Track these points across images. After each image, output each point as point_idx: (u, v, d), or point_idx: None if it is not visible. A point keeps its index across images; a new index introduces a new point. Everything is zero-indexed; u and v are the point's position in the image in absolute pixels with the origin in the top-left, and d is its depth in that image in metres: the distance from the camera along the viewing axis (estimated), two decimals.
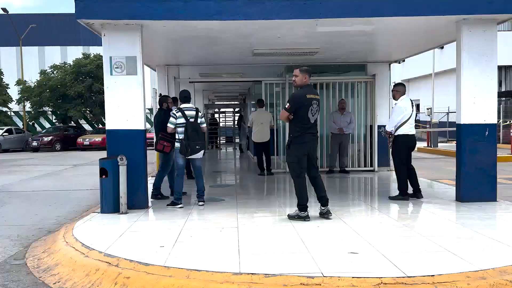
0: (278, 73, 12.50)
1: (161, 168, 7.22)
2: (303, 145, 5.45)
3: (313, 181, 5.62)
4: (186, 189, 7.58)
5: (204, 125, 6.71)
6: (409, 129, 6.72)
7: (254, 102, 14.21)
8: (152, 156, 10.63)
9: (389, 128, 6.87)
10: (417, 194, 6.88)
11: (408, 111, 6.71)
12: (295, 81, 5.56)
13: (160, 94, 7.90)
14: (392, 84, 7.93)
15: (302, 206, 5.52)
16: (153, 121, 8.52)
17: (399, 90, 6.87)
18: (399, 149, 6.82)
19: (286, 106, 5.50)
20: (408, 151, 6.82)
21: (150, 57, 9.50)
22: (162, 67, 10.80)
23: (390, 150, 7.03)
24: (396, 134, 6.78)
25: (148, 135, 9.74)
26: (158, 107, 7.56)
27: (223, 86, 17.56)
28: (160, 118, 7.08)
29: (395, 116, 6.80)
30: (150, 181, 9.32)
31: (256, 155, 10.61)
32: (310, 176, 5.60)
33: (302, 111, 5.40)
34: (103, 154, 6.56)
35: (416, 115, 6.98)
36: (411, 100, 6.86)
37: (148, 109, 25.87)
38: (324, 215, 5.61)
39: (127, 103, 6.33)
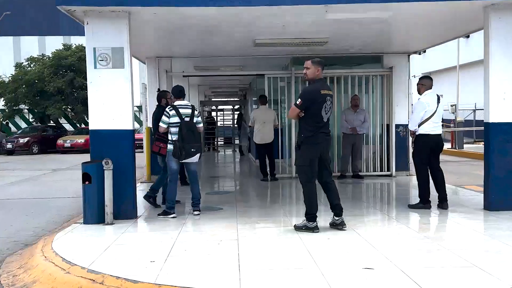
0: (283, 65, 12.51)
1: (163, 171, 7.21)
2: (316, 146, 5.45)
3: (326, 187, 5.63)
4: (179, 196, 7.58)
5: (201, 124, 6.71)
6: (432, 128, 6.68)
7: (255, 99, 14.21)
8: (141, 160, 10.66)
9: (412, 126, 6.86)
10: (442, 203, 6.82)
11: (432, 107, 6.68)
12: (306, 75, 5.58)
13: (159, 89, 7.89)
14: (414, 77, 7.93)
15: (311, 215, 5.52)
16: (142, 120, 8.51)
17: (425, 83, 6.83)
18: (419, 151, 6.81)
19: (297, 102, 5.51)
20: (431, 153, 6.78)
21: (139, 48, 9.53)
22: (153, 60, 10.83)
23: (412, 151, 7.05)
24: (417, 133, 6.78)
25: (136, 136, 9.77)
26: (157, 103, 7.59)
27: (221, 81, 17.61)
28: (159, 115, 7.02)
29: (416, 112, 6.80)
30: (139, 187, 9.36)
31: (258, 158, 10.63)
32: (322, 181, 5.61)
33: (315, 108, 5.41)
34: (86, 157, 6.58)
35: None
36: (438, 96, 6.79)
37: (137, 106, 25.97)
38: (338, 226, 5.61)
39: (113, 100, 6.34)
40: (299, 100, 5.51)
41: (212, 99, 26.64)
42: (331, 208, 5.66)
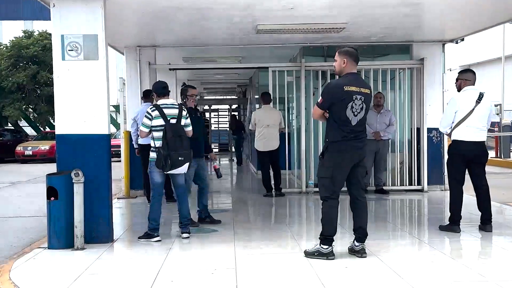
0: (291, 57, 12.54)
1: (200, 180, 7.57)
2: (342, 155, 5.45)
3: (354, 203, 5.64)
4: (165, 215, 7.57)
5: (190, 128, 6.72)
6: (465, 132, 6.62)
7: (257, 97, 14.22)
8: (119, 171, 10.66)
9: (442, 129, 6.87)
10: (485, 225, 6.80)
11: (466, 107, 6.62)
12: (335, 68, 5.64)
13: (184, 84, 7.79)
14: (450, 71, 7.91)
15: (327, 238, 5.53)
16: (119, 122, 8.52)
17: (468, 78, 6.79)
18: (451, 160, 6.82)
19: (319, 101, 5.57)
20: (467, 164, 6.76)
21: (116, 35, 9.56)
22: (133, 50, 10.86)
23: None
24: (451, 138, 6.79)
25: (113, 141, 9.70)
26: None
27: (216, 75, 17.64)
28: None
29: (444, 113, 6.80)
30: (116, 204, 9.37)
31: (260, 169, 10.63)
32: (352, 197, 5.63)
33: (338, 108, 5.43)
34: (52, 168, 6.58)
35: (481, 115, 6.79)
36: (481, 94, 6.69)
37: (113, 106, 25.97)
38: (357, 253, 5.61)
39: (85, 98, 6.36)
40: (320, 98, 5.57)
41: (205, 97, 26.70)
42: (353, 230, 5.66)
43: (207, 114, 23.76)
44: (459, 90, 6.84)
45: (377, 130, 10.23)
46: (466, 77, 6.82)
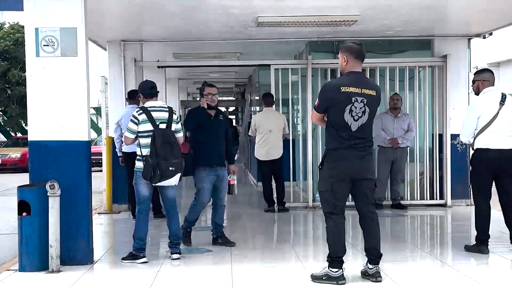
0: (296, 53, 12.55)
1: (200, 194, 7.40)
2: (340, 164, 5.44)
3: (363, 220, 5.63)
4: (152, 233, 7.55)
5: (181, 134, 6.73)
6: (491, 139, 6.61)
7: (258, 98, 14.21)
8: (100, 182, 10.63)
9: (463, 137, 6.88)
10: None
11: (490, 111, 6.62)
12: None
13: (205, 82, 7.62)
14: (476, 69, 7.92)
15: (336, 260, 5.51)
16: (100, 126, 8.50)
17: (485, 78, 6.81)
18: (475, 172, 6.84)
19: (316, 103, 5.59)
20: (494, 176, 6.74)
21: (97, 29, 9.55)
22: (116, 45, 10.86)
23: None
24: (474, 147, 6.78)
25: (93, 149, 9.60)
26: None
27: (210, 74, 17.64)
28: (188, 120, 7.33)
29: (465, 120, 6.79)
30: (97, 221, 9.34)
31: (261, 181, 10.61)
32: (361, 213, 5.61)
33: (335, 111, 5.44)
34: (25, 178, 6.57)
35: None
36: (503, 94, 6.73)
37: (94, 108, 25.97)
38: (371, 277, 5.59)
39: (62, 99, 6.35)
40: (317, 100, 5.59)
41: (198, 99, 26.72)
42: (365, 251, 5.65)
43: None
44: (477, 93, 6.83)
45: (394, 136, 10.23)
46: (484, 77, 6.81)
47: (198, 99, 7.51)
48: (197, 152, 7.20)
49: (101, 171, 11.14)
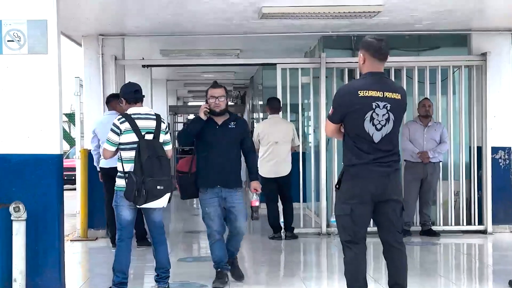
0: (307, 50, 12.58)
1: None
2: (360, 183, 5.42)
3: (389, 253, 5.57)
4: (136, 264, 7.56)
5: (170, 146, 6.74)
6: None
7: (262, 104, 14.22)
8: (73, 203, 10.63)
9: None
10: None
11: None
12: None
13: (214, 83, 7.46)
14: None
15: None
16: (73, 136, 8.52)
17: None
18: None
19: (329, 112, 5.56)
20: None
21: (71, 21, 9.57)
22: (93, 40, 10.87)
23: None
24: None
25: (66, 162, 9.60)
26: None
27: (204, 74, 17.65)
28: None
29: None
30: (71, 249, 9.33)
31: (266, 202, 10.60)
32: (385, 243, 5.56)
33: (353, 120, 5.41)
34: None
35: None
36: None
37: (66, 115, 25.98)
38: None
39: (30, 105, 6.37)
40: (331, 107, 5.55)
41: (189, 103, 26.79)
42: (389, 287, 5.65)
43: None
44: None
45: (424, 149, 10.22)
46: None
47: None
48: (197, 169, 7.00)
49: (74, 189, 11.17)
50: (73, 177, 11.15)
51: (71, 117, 25.12)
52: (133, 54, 11.54)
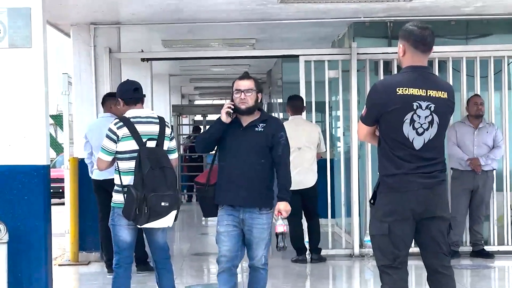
0: (334, 39, 12.59)
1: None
2: (399, 198, 5.41)
3: (434, 278, 5.55)
4: None
5: (175, 154, 6.78)
6: None
7: (281, 101, 14.23)
8: (61, 221, 10.67)
9: None
10: None
11: None
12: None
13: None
14: None
15: None
16: (61, 142, 8.57)
17: None
18: None
19: (362, 112, 5.56)
20: None
21: (59, 8, 9.60)
22: (84, 30, 10.92)
23: None
24: None
25: (53, 173, 9.59)
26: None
27: (213, 68, 17.70)
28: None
29: None
30: (59, 274, 9.35)
31: (287, 219, 10.58)
32: (430, 268, 5.55)
33: (390, 122, 5.40)
34: None
35: None
36: None
37: (53, 117, 26.07)
38: None
39: (11, 107, 6.42)
40: (364, 107, 5.54)
41: (196, 102, 26.84)
42: None
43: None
44: None
45: (474, 155, 10.21)
46: None
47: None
48: (216, 182, 6.54)
49: (62, 204, 11.18)
50: (61, 190, 11.13)
51: (57, 119, 25.24)
52: (130, 46, 11.58)
